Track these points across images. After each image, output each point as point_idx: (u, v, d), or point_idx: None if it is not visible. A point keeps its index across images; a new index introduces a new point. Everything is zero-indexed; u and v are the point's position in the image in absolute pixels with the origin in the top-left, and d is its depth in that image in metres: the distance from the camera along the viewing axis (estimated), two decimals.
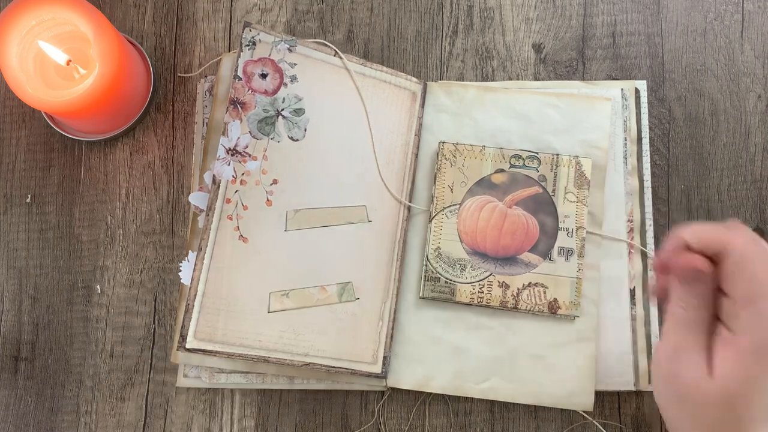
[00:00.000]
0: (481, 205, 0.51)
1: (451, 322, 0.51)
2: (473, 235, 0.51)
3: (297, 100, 0.51)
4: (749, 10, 0.55)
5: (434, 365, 0.50)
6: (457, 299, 0.50)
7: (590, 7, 0.56)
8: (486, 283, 0.50)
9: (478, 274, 0.50)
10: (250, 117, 0.50)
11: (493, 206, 0.51)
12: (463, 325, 0.51)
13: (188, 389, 0.52)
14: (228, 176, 0.50)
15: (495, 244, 0.51)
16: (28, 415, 0.52)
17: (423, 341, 0.51)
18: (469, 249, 0.51)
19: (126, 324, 0.53)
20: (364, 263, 0.51)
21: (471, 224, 0.51)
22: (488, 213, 0.51)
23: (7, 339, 0.53)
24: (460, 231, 0.51)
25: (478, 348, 0.50)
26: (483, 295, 0.50)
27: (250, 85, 0.50)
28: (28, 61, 0.50)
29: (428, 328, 0.51)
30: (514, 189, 0.51)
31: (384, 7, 0.57)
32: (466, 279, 0.50)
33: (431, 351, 0.51)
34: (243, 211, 0.50)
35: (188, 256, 0.50)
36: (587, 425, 0.51)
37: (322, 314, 0.50)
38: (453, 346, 0.50)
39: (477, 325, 0.51)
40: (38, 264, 0.54)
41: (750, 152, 0.54)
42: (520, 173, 0.51)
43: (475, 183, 0.51)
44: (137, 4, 0.57)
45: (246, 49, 0.51)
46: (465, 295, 0.50)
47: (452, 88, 0.54)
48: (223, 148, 0.50)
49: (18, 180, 0.55)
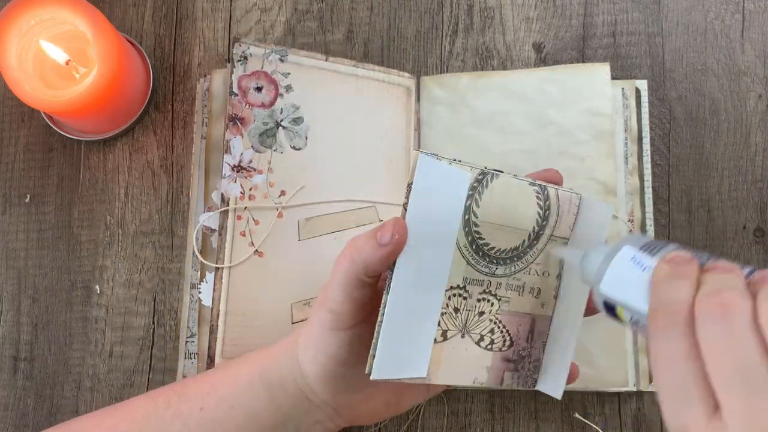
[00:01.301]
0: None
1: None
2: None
3: (294, 109, 0.51)
4: (750, 9, 0.55)
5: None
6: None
7: (590, 6, 0.56)
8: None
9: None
10: (251, 131, 0.50)
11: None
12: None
13: None
14: (236, 193, 0.49)
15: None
16: (27, 416, 0.52)
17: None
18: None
19: (125, 324, 0.53)
20: None
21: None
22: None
23: (6, 339, 0.53)
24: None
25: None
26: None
27: (247, 100, 0.50)
28: (27, 60, 0.49)
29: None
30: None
31: (384, 6, 0.56)
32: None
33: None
34: (255, 226, 0.49)
35: (206, 278, 0.50)
36: (587, 426, 0.51)
37: None
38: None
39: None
40: (37, 264, 0.54)
41: (751, 152, 0.54)
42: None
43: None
44: (136, 4, 0.57)
45: (238, 65, 0.50)
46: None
47: (444, 79, 0.54)
48: (227, 166, 0.49)
49: (17, 180, 0.55)
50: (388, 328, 0.35)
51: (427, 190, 0.35)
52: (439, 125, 0.53)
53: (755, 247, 0.52)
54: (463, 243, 0.37)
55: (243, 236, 0.49)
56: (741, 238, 0.52)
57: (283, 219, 0.50)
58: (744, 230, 0.53)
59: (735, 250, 0.52)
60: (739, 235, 0.52)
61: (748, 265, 0.31)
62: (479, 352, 0.39)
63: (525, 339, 0.41)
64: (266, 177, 0.50)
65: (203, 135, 0.53)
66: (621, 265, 0.33)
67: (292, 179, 0.51)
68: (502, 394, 0.51)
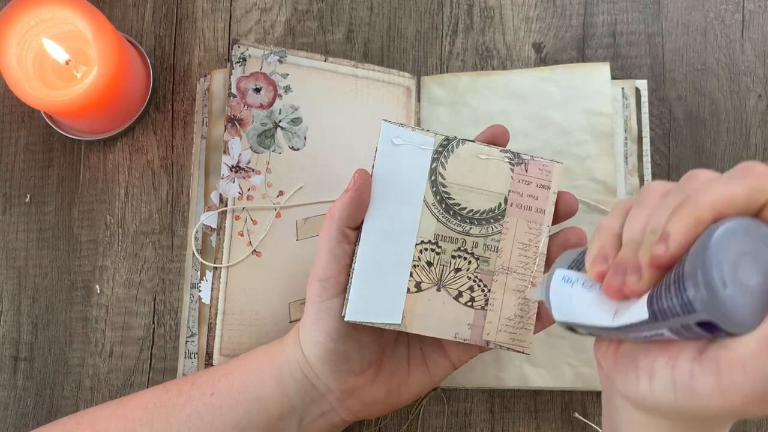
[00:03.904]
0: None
1: None
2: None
3: (293, 110, 0.51)
4: (750, 9, 0.55)
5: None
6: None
7: (590, 6, 0.56)
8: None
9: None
10: (249, 132, 0.50)
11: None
12: None
13: None
14: (234, 193, 0.50)
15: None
16: (27, 416, 0.52)
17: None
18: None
19: (125, 324, 0.53)
20: None
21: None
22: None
23: (6, 339, 0.53)
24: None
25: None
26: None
27: (246, 101, 0.50)
28: (27, 60, 0.49)
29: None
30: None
31: (384, 6, 0.56)
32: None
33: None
34: (253, 225, 0.50)
35: (206, 276, 0.50)
36: (587, 426, 0.51)
37: None
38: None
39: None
40: (37, 264, 0.54)
41: (750, 152, 0.54)
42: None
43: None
44: (136, 4, 0.57)
45: (237, 66, 0.51)
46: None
47: (444, 78, 0.54)
48: (226, 167, 0.50)
49: (17, 180, 0.55)
50: (360, 272, 0.40)
51: (392, 152, 0.41)
52: (439, 125, 0.53)
53: None
54: (431, 201, 0.41)
55: (241, 236, 0.49)
56: None
57: (281, 219, 0.50)
58: None
59: None
60: None
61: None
62: (458, 308, 0.41)
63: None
64: (264, 177, 0.50)
65: (203, 135, 0.53)
66: (557, 291, 0.34)
67: (290, 179, 0.51)
68: (502, 394, 0.51)
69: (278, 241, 0.50)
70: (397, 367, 0.43)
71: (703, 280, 0.25)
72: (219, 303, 0.49)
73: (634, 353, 0.31)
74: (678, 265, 0.27)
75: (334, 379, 0.41)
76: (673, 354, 0.28)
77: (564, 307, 0.33)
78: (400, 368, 0.43)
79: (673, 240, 0.27)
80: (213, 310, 0.49)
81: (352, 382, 0.41)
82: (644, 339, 0.29)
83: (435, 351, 0.44)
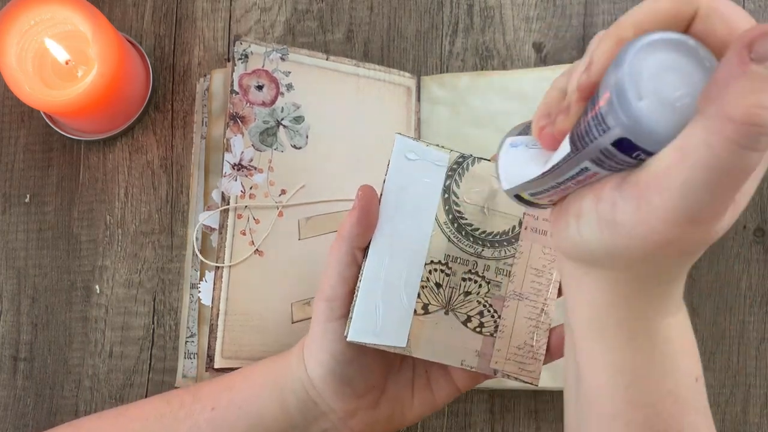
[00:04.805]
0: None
1: None
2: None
3: (295, 108, 0.51)
4: (750, 9, 0.55)
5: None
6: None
7: (591, 6, 0.56)
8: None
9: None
10: (251, 130, 0.50)
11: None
12: None
13: None
14: (236, 192, 0.49)
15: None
16: (27, 416, 0.52)
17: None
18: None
19: (125, 324, 0.53)
20: None
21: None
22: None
23: (6, 339, 0.53)
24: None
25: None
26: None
27: (248, 98, 0.50)
28: (26, 60, 0.49)
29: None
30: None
31: (384, 6, 0.56)
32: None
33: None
34: (255, 225, 0.49)
35: (205, 277, 0.50)
36: None
37: None
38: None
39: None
40: (37, 264, 0.54)
41: None
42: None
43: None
44: (136, 4, 0.57)
45: (239, 63, 0.50)
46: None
47: (445, 78, 0.54)
48: (228, 165, 0.49)
49: (17, 180, 0.55)
50: (365, 290, 0.37)
51: (405, 167, 0.39)
52: (439, 125, 0.53)
53: (755, 246, 0.52)
54: (443, 220, 0.39)
55: (243, 235, 0.49)
56: (741, 237, 0.52)
57: (284, 218, 0.50)
58: (744, 230, 0.53)
59: (735, 250, 0.52)
60: (739, 235, 0.52)
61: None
62: (466, 334, 0.39)
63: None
64: (267, 176, 0.50)
65: (203, 135, 0.53)
66: (504, 158, 0.30)
67: (292, 178, 0.51)
68: (502, 394, 0.51)
69: (280, 241, 0.50)
70: (401, 390, 0.42)
71: (615, 90, 0.23)
72: (221, 303, 0.48)
73: (567, 201, 0.28)
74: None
75: (336, 400, 0.40)
76: (598, 189, 0.26)
77: (510, 174, 0.30)
78: (404, 391, 0.42)
79: (595, 65, 0.25)
80: (215, 311, 0.48)
81: (355, 403, 0.40)
82: (576, 183, 0.27)
83: (441, 376, 0.42)
